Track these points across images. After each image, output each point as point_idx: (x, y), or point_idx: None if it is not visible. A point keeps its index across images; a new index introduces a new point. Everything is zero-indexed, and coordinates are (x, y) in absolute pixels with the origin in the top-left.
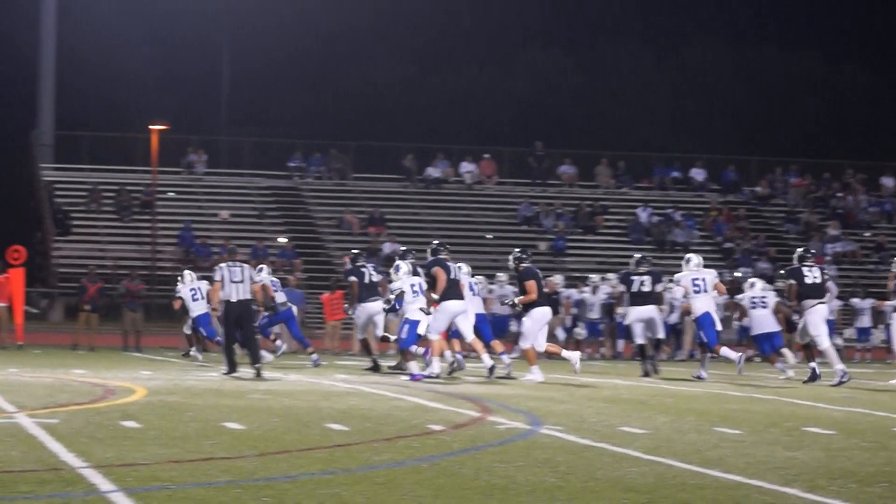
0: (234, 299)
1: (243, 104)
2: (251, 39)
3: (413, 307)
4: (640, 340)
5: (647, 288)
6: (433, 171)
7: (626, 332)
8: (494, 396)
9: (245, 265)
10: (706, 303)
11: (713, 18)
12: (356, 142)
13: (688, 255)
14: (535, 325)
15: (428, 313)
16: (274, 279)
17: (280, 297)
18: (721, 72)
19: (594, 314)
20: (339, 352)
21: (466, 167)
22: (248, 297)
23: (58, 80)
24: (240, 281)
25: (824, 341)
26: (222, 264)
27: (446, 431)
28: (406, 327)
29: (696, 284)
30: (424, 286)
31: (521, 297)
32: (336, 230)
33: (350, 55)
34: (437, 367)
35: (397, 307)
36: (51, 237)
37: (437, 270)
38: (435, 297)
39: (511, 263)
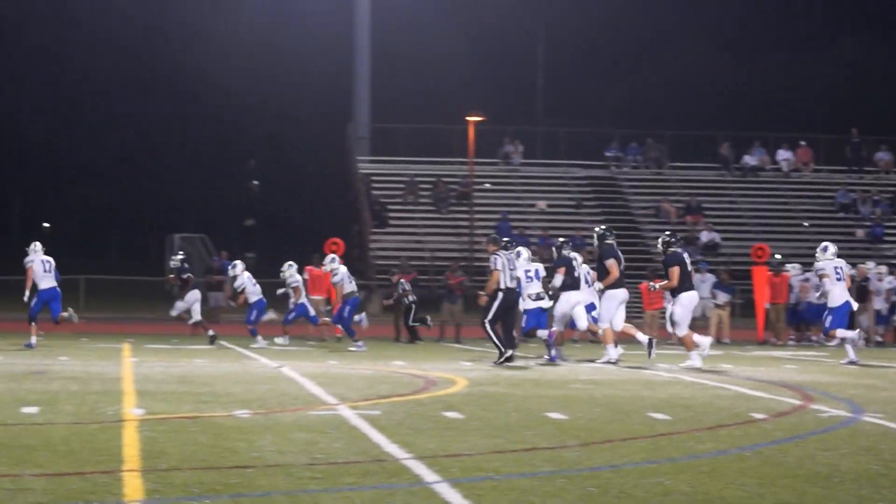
0: (511, 286)
1: (559, 94)
2: (566, 29)
3: (526, 293)
4: None
5: None
6: (750, 160)
7: None
8: (815, 384)
9: (512, 255)
10: (844, 292)
11: None
12: (672, 131)
13: (824, 244)
14: (686, 311)
15: (541, 298)
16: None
17: (351, 286)
18: None
19: None
20: (658, 340)
21: (783, 155)
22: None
23: (373, 73)
24: (513, 269)
25: None
26: (500, 252)
27: (768, 420)
28: (524, 318)
29: (838, 272)
30: (542, 272)
31: (664, 282)
32: (653, 219)
33: (665, 44)
34: (613, 353)
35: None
36: (368, 229)
37: (611, 264)
38: (600, 286)
39: (659, 247)
